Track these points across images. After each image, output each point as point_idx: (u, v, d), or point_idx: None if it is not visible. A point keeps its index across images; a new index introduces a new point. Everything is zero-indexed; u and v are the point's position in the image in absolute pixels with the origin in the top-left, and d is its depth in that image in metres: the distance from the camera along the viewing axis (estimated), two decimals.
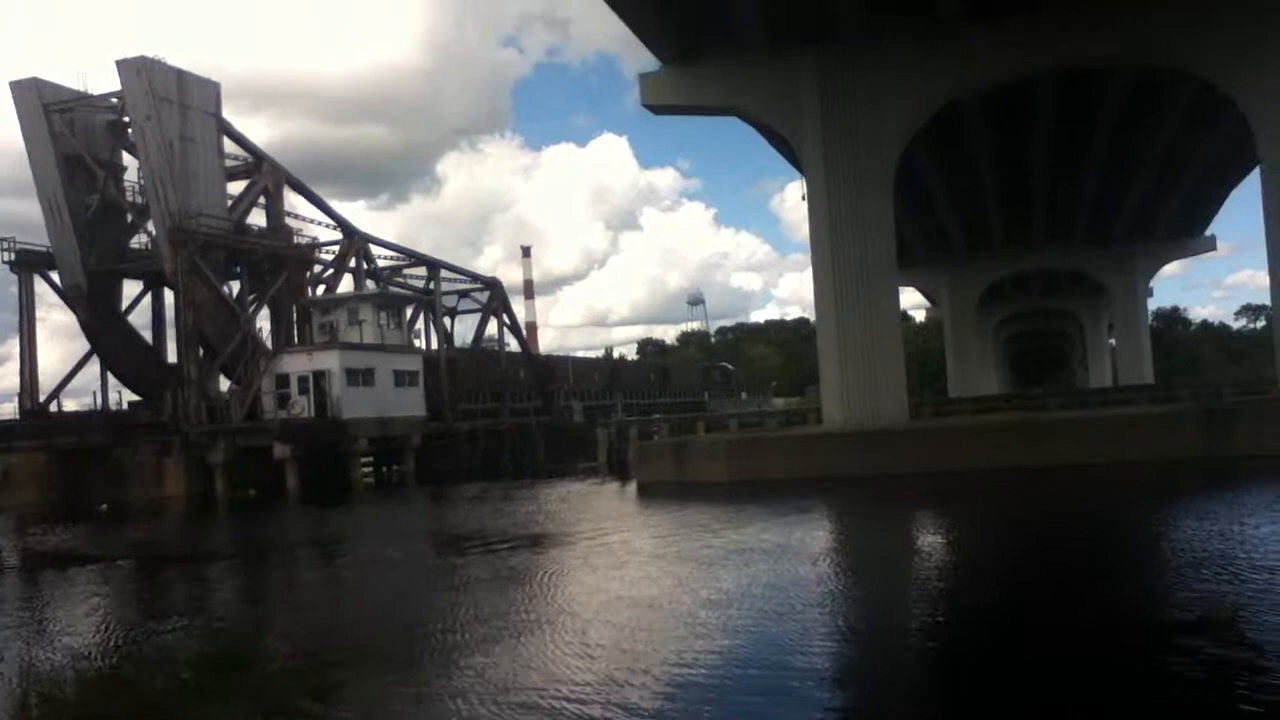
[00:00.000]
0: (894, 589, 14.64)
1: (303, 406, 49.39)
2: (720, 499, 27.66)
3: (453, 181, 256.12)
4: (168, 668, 9.93)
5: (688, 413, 68.24)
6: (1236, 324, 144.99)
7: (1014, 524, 21.59)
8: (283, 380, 50.25)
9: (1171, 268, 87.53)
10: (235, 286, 54.85)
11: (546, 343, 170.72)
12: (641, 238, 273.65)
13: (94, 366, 54.64)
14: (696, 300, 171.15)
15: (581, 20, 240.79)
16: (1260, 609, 10.98)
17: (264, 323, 55.80)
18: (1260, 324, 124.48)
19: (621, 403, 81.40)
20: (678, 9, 33.56)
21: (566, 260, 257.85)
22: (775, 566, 15.88)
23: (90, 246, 51.43)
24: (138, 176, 52.60)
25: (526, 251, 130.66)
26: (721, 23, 33.36)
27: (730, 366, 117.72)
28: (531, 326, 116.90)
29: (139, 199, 52.93)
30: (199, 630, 13.73)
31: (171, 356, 53.10)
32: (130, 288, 55.98)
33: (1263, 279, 70.64)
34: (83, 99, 52.56)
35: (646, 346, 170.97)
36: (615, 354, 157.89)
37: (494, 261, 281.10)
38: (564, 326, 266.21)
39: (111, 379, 54.05)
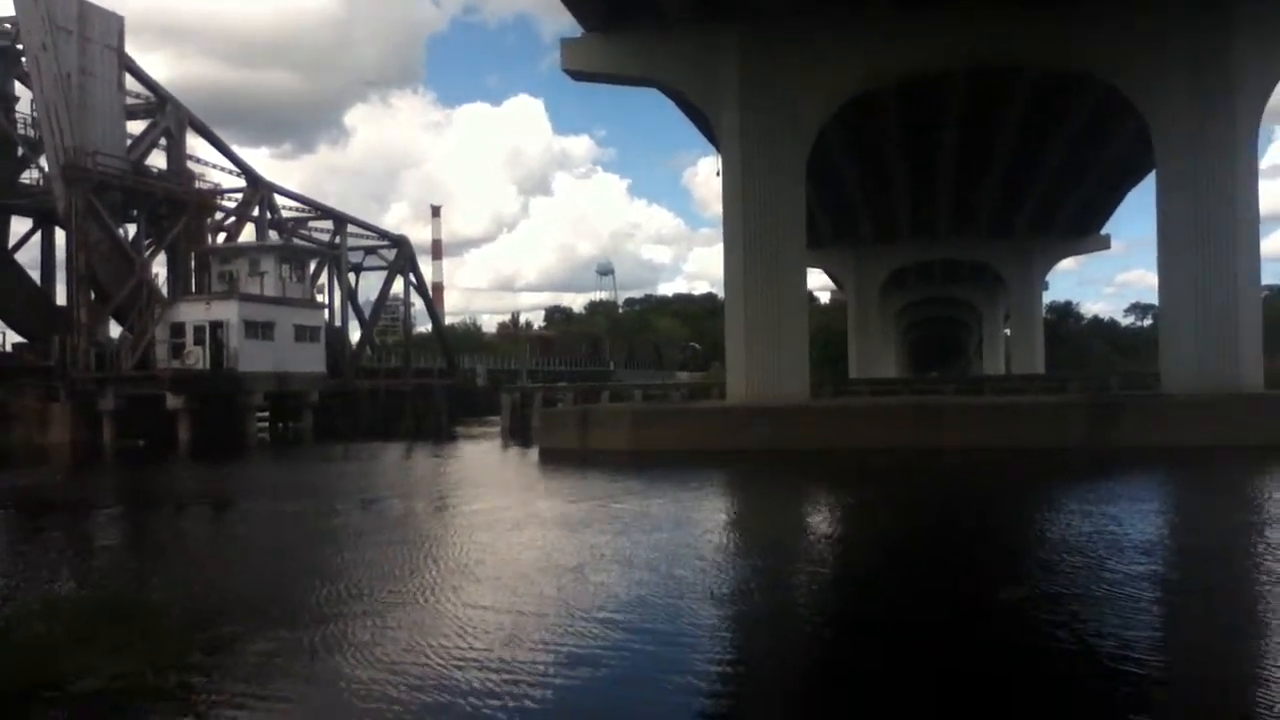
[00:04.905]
0: (763, 559, 14.93)
1: (197, 357, 48.19)
2: (623, 468, 27.87)
3: (361, 134, 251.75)
4: (50, 618, 9.67)
5: (591, 381, 68.31)
6: (1125, 320, 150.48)
7: (888, 502, 22.23)
8: (178, 329, 48.94)
9: (1067, 263, 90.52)
10: (131, 230, 53.14)
11: (451, 305, 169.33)
12: (553, 204, 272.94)
13: None
14: (606, 270, 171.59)
15: None
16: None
17: (160, 269, 54.31)
18: (1147, 322, 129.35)
19: (526, 369, 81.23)
20: None
21: (475, 222, 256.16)
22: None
23: None
24: (31, 108, 50.43)
25: (436, 211, 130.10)
26: None
27: (698, 346, 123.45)
28: (438, 288, 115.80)
29: (32, 132, 50.76)
30: (83, 581, 13.37)
31: (61, 299, 51.24)
32: (19, 224, 53.92)
33: (1152, 279, 73.99)
34: None
35: (554, 314, 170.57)
36: (522, 320, 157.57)
37: (400, 219, 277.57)
38: (470, 289, 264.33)
39: None
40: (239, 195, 58.61)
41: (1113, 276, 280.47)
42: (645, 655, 9.47)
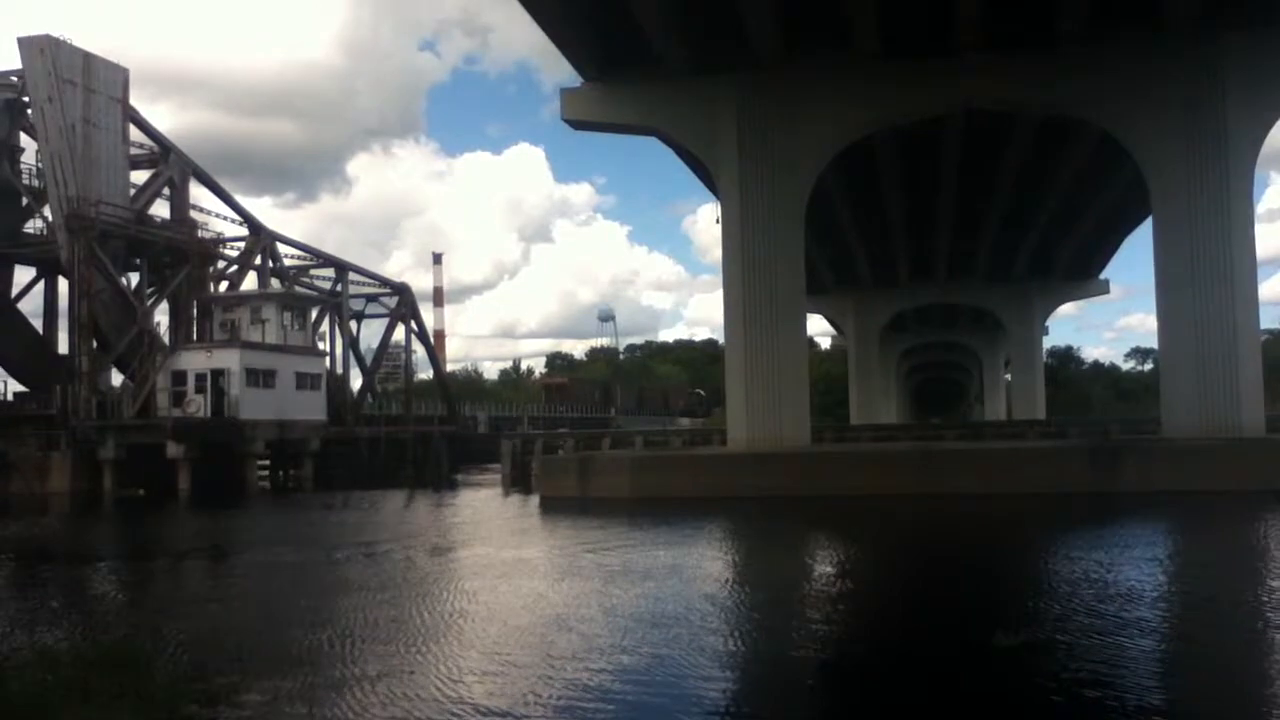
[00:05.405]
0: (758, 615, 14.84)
1: (199, 405, 48.19)
2: (622, 516, 27.78)
3: (363, 183, 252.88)
4: (46, 669, 9.62)
5: (592, 428, 68.28)
6: (1126, 365, 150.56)
7: (887, 549, 22.34)
8: (179, 377, 48.99)
9: (1067, 308, 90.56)
10: (134, 279, 53.39)
11: (453, 352, 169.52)
12: (554, 251, 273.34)
13: None
14: (607, 316, 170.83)
15: (502, 30, 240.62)
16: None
17: (162, 317, 54.46)
18: (1148, 366, 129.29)
19: (527, 416, 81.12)
20: (602, 27, 33.77)
21: (477, 269, 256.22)
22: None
23: None
24: (36, 159, 50.89)
25: (438, 258, 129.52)
26: (644, 44, 33.65)
27: (703, 392, 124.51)
28: (439, 335, 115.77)
29: (36, 182, 51.15)
30: (79, 632, 13.30)
31: (63, 347, 51.37)
32: (22, 274, 54.12)
33: (1152, 323, 74.06)
34: None
35: (556, 360, 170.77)
36: (524, 367, 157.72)
37: (402, 267, 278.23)
38: (471, 336, 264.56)
39: None
40: (241, 244, 58.91)
41: (1113, 321, 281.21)
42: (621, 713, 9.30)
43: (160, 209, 54.89)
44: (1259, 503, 26.31)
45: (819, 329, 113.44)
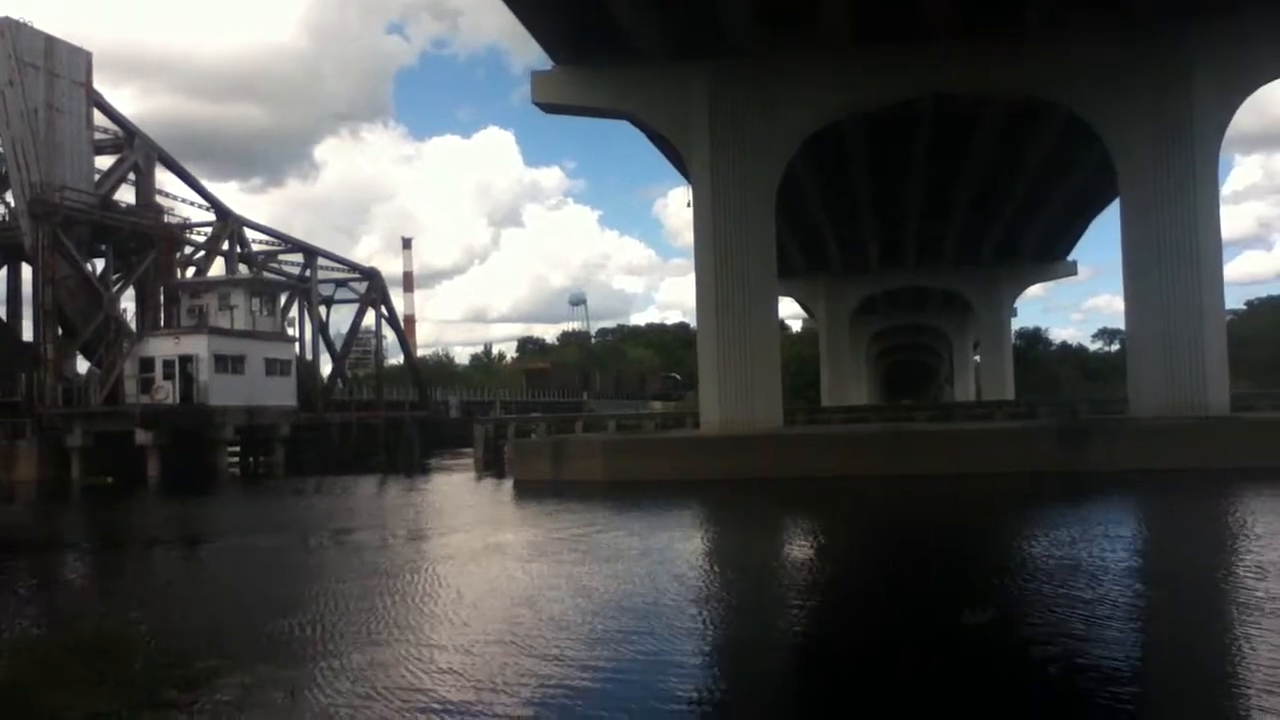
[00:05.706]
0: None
1: (167, 392, 47.79)
2: (594, 499, 27.86)
3: (331, 167, 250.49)
4: (22, 657, 9.57)
5: (565, 413, 68.18)
6: (1093, 346, 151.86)
7: (858, 529, 22.59)
8: (147, 364, 48.55)
9: (1035, 290, 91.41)
10: (99, 265, 52.77)
11: (424, 337, 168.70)
12: (524, 235, 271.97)
13: None
14: (578, 300, 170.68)
15: (471, 13, 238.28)
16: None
17: (129, 304, 53.87)
18: (1115, 347, 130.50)
19: (500, 401, 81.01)
20: (573, 10, 33.58)
21: (447, 254, 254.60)
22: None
23: None
24: None
25: (407, 243, 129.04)
26: (617, 28, 33.51)
27: (679, 376, 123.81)
28: (410, 320, 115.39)
29: None
30: (54, 620, 13.22)
31: (28, 334, 50.75)
32: None
33: (1119, 304, 74.36)
34: None
35: (527, 345, 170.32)
36: (494, 352, 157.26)
37: (371, 251, 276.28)
38: (442, 321, 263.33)
39: None
40: (208, 229, 58.32)
41: (1080, 302, 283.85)
42: (589, 697, 9.32)
43: (126, 194, 54.23)
44: (1224, 480, 26.69)
45: (790, 312, 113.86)
